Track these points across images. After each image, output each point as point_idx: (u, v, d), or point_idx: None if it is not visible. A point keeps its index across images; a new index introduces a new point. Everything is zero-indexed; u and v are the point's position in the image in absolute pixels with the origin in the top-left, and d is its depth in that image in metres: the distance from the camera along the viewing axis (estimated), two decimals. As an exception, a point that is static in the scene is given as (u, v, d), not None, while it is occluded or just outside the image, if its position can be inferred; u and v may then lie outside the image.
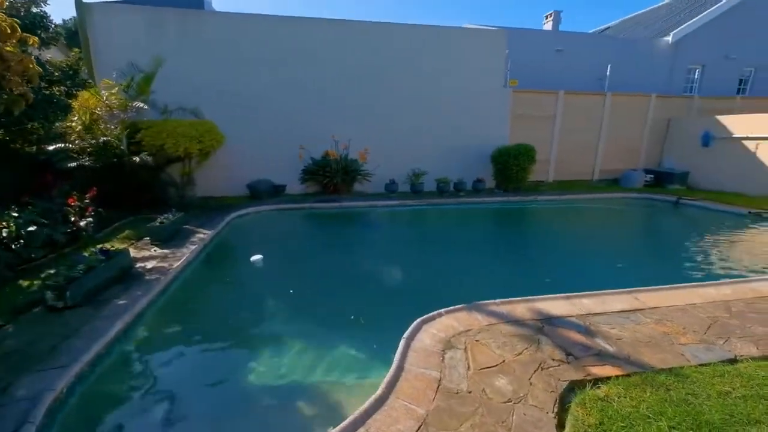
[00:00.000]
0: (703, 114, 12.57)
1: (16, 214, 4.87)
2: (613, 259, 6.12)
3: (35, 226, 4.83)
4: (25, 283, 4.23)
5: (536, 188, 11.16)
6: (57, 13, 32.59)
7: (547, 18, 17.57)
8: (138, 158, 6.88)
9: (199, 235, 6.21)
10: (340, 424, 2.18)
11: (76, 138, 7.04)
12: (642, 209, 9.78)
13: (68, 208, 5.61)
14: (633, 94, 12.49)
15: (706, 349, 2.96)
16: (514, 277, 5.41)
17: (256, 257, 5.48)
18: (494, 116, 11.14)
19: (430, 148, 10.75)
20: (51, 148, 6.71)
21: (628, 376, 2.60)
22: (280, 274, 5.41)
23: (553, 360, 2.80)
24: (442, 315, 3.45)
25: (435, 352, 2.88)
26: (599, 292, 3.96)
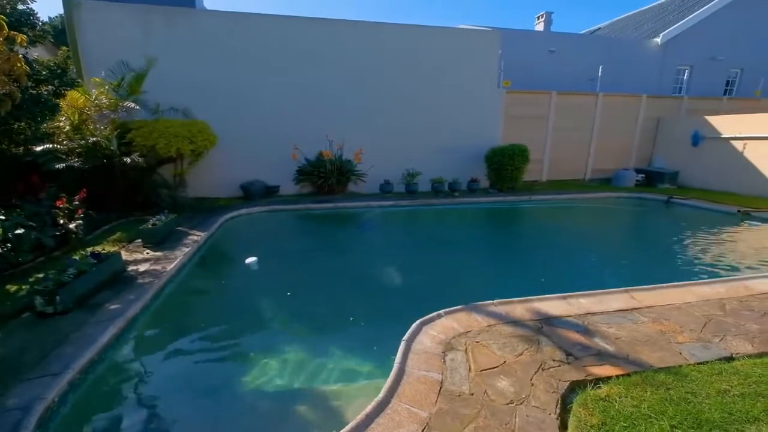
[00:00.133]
0: (692, 114, 12.80)
1: (3, 217, 4.73)
2: (609, 258, 6.19)
3: (23, 229, 4.70)
4: (13, 288, 4.11)
5: (530, 188, 11.23)
6: (43, 11, 31.89)
7: (538, 19, 17.70)
8: (129, 159, 6.76)
9: (193, 237, 6.12)
10: (342, 430, 2.15)
11: (64, 138, 6.89)
12: (634, 208, 9.90)
13: (57, 211, 5.46)
14: (624, 95, 12.65)
15: (703, 347, 2.99)
16: (511, 277, 5.43)
17: (251, 259, 5.42)
18: (488, 116, 11.19)
19: (425, 149, 10.75)
20: (38, 149, 6.55)
21: (628, 376, 2.61)
22: (275, 276, 5.34)
23: (553, 360, 2.81)
24: (441, 316, 3.43)
25: (436, 354, 2.87)
26: (596, 292, 3.98)
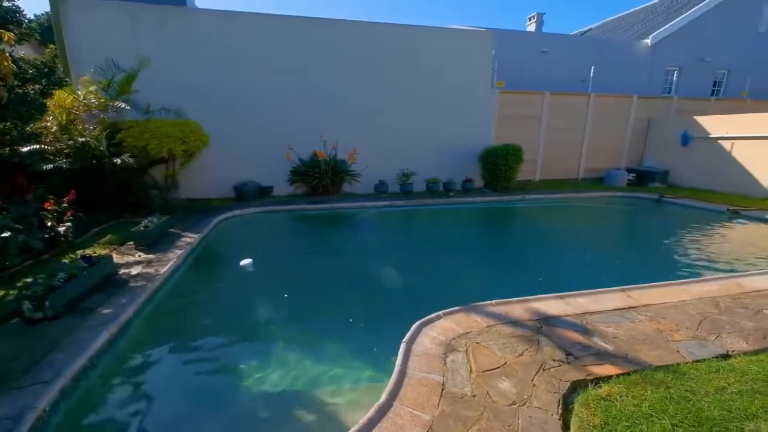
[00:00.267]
0: (681, 114, 13.01)
1: (-11, 220, 4.60)
2: (603, 257, 6.24)
3: (9, 232, 4.56)
4: (0, 293, 3.99)
5: (524, 187, 11.30)
6: (29, 8, 31.16)
7: (530, 20, 17.84)
8: (119, 160, 6.62)
9: (186, 239, 6.02)
10: (345, 435, 2.12)
11: (52, 139, 6.72)
12: (626, 207, 10.02)
13: (45, 213, 5.33)
14: (615, 95, 12.80)
15: (700, 345, 3.02)
16: (507, 277, 5.44)
17: (246, 261, 5.35)
18: (482, 117, 11.23)
19: (419, 149, 10.74)
20: (25, 149, 6.37)
21: (628, 375, 2.62)
22: (271, 278, 5.27)
23: (553, 360, 2.81)
24: (440, 317, 3.42)
25: (436, 356, 2.85)
26: (593, 291, 4.00)
